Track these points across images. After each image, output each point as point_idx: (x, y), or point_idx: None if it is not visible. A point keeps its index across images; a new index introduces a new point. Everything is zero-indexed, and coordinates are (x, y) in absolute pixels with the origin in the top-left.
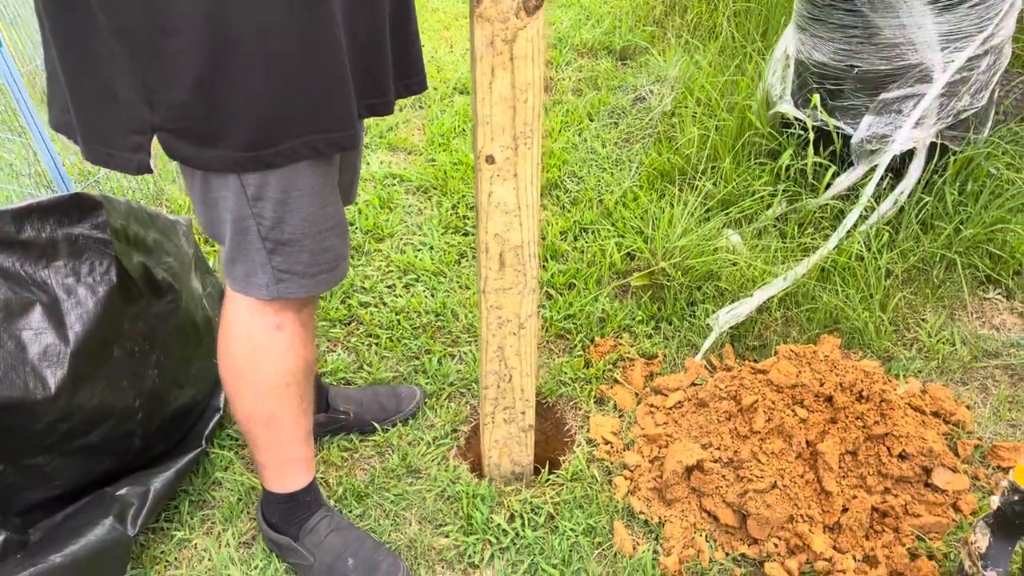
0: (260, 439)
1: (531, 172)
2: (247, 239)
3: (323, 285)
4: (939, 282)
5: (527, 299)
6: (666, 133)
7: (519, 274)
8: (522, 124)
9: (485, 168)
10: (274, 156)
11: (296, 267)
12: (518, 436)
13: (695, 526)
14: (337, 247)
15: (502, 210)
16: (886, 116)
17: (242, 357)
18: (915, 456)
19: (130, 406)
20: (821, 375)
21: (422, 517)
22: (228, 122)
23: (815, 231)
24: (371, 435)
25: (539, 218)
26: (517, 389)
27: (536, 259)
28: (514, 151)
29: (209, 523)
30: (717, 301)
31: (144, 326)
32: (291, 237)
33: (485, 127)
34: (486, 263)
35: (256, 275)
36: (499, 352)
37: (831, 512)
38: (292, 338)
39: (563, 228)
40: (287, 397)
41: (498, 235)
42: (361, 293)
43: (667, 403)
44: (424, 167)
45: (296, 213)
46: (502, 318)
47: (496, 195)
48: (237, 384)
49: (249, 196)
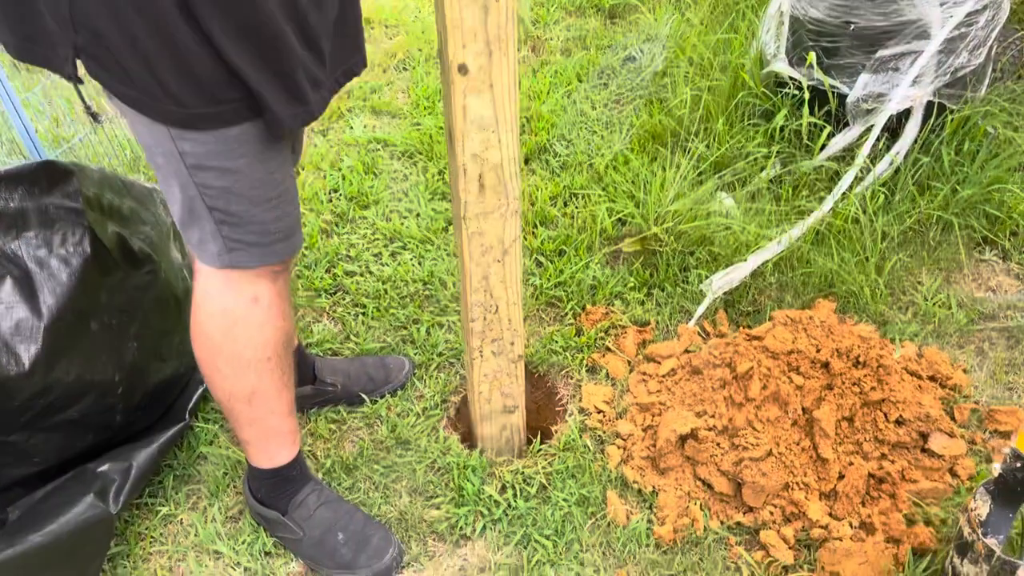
0: (242, 416)
1: (508, 81)
2: (194, 207)
3: (278, 255)
4: (935, 244)
5: (510, 222)
6: (657, 94)
7: (500, 196)
8: (495, 27)
9: (458, 80)
10: (200, 119)
11: (248, 237)
12: (508, 368)
13: (689, 495)
14: (289, 215)
15: (478, 126)
16: (883, 74)
17: (219, 333)
18: (912, 421)
19: (110, 380)
20: (817, 341)
21: (412, 489)
22: (154, 67)
23: (810, 193)
24: (359, 407)
25: (518, 130)
26: (504, 319)
27: (518, 178)
28: (488, 58)
29: (195, 498)
30: (710, 266)
31: (122, 298)
32: (240, 208)
33: (455, 32)
34: (464, 187)
35: (208, 243)
36: (484, 282)
37: (827, 479)
38: (270, 309)
39: (553, 193)
40: (268, 371)
41: (476, 155)
42: (346, 262)
43: (660, 371)
44: (409, 131)
45: (244, 182)
46: (484, 245)
47: (472, 109)
48: (215, 362)
49: (188, 166)
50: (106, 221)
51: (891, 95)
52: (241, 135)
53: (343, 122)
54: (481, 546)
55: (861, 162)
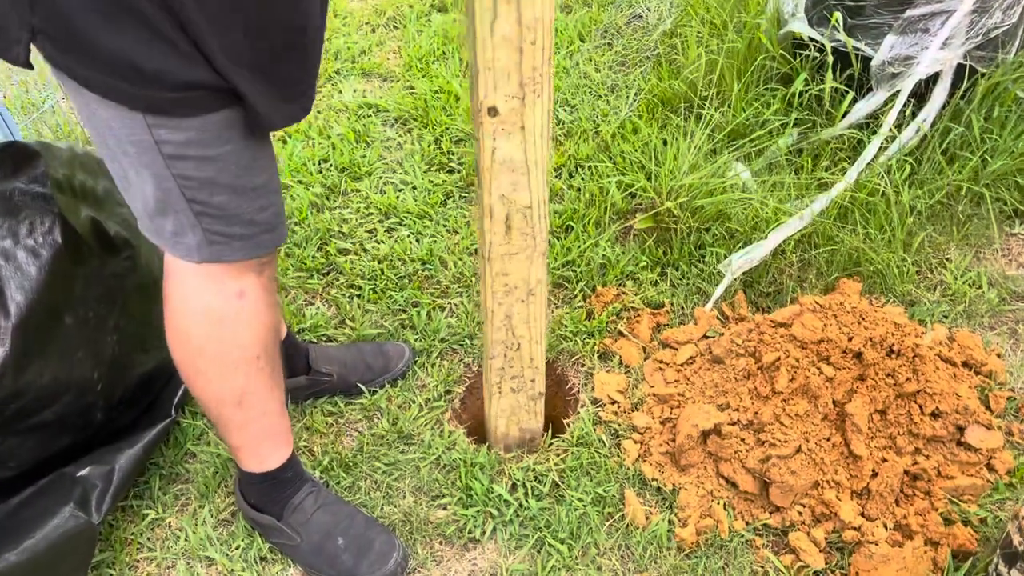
0: (232, 421)
1: (541, 123)
2: (170, 199)
3: (264, 246)
4: (964, 218)
5: (537, 263)
6: (667, 56)
7: (527, 237)
8: (530, 69)
9: (487, 121)
10: (180, 104)
11: (231, 229)
12: (527, 405)
13: (712, 494)
14: (274, 204)
15: (508, 168)
16: (911, 36)
17: (202, 335)
18: (949, 414)
19: (88, 378)
20: (849, 329)
21: (416, 488)
22: (127, 48)
23: (831, 164)
24: (357, 397)
25: (550, 173)
26: (526, 358)
27: (546, 220)
28: (521, 101)
29: (183, 499)
30: (727, 244)
31: (99, 289)
32: (223, 199)
33: (487, 74)
34: (491, 227)
35: (185, 235)
36: (506, 321)
37: (859, 477)
38: (256, 304)
39: (557, 164)
40: (257, 371)
41: (504, 196)
42: (339, 239)
43: (677, 359)
44: (402, 95)
45: (228, 171)
46: (509, 285)
47: (501, 151)
48: (198, 366)
49: (166, 156)
50: (78, 205)
51: (919, 58)
52: (225, 120)
53: (331, 86)
54: (492, 550)
55: (886, 130)
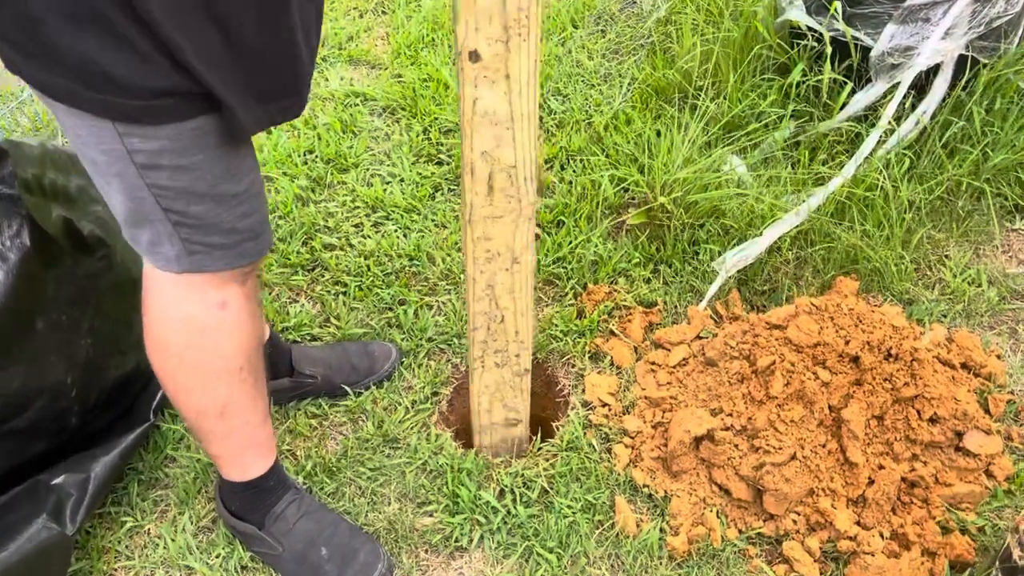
0: (213, 432)
1: (527, 71)
2: (145, 209)
3: (247, 256)
4: (965, 214)
5: (522, 228)
6: (661, 44)
7: (512, 200)
8: (515, 9)
9: (468, 67)
10: (152, 111)
11: (211, 238)
12: (512, 381)
13: (705, 501)
14: (259, 209)
15: (490, 121)
16: (911, 25)
17: (183, 345)
18: (947, 420)
19: (61, 382)
20: (846, 332)
21: (402, 494)
22: (95, 51)
23: (829, 158)
24: (342, 399)
25: (537, 130)
26: (511, 331)
27: (533, 182)
28: (505, 44)
29: (163, 506)
30: (722, 240)
31: (72, 290)
32: (201, 208)
33: (467, 13)
34: (472, 187)
35: (163, 245)
36: (489, 290)
37: (855, 484)
38: (239, 314)
39: (549, 156)
40: (240, 382)
41: (486, 153)
42: (325, 233)
43: (670, 360)
44: (390, 84)
45: (204, 179)
46: (491, 251)
47: (483, 102)
48: (178, 377)
49: (138, 165)
50: (49, 204)
51: (920, 49)
52: (200, 127)
53: (317, 73)
54: (479, 558)
55: (885, 123)
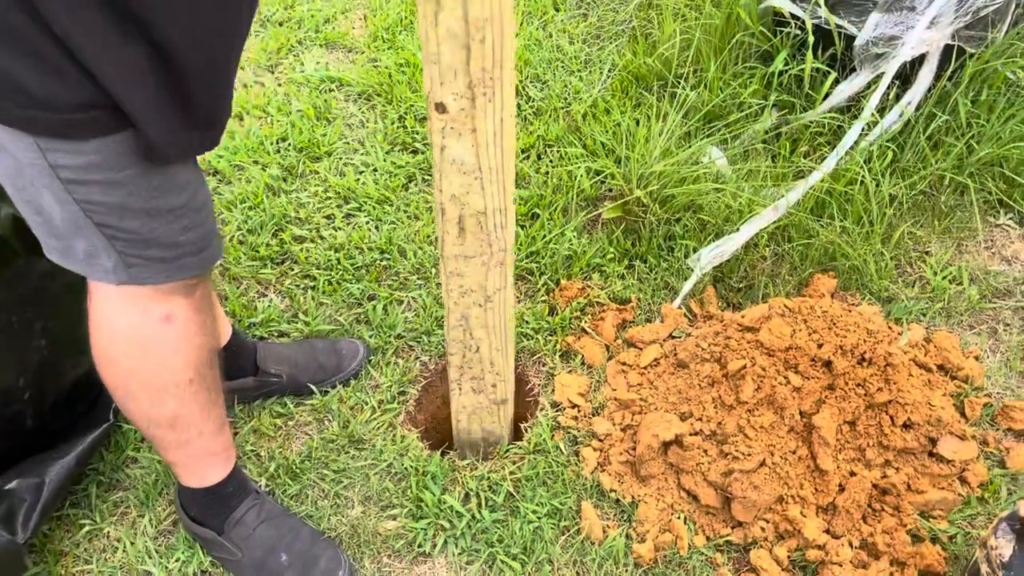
0: (166, 441)
1: (494, 129)
2: (77, 222)
3: (188, 269)
4: (947, 209)
5: (494, 271)
6: (642, 29)
7: (483, 243)
8: (479, 70)
9: (436, 117)
10: (73, 126)
11: (150, 252)
12: (489, 407)
13: (672, 507)
14: (204, 223)
15: (459, 169)
16: (896, 14)
17: (126, 359)
18: (921, 426)
19: (12, 386)
20: (819, 335)
21: (366, 497)
22: (8, 63)
23: (811, 150)
24: (308, 398)
25: (512, 182)
26: (486, 361)
27: (506, 228)
28: (471, 102)
29: (123, 508)
30: (698, 236)
31: (24, 290)
32: (136, 223)
33: (431, 67)
34: (443, 226)
35: (99, 256)
36: (463, 321)
37: (826, 492)
38: (186, 327)
39: (525, 145)
40: (191, 394)
41: (455, 196)
42: (295, 225)
43: (641, 360)
44: (366, 69)
45: (138, 194)
46: (464, 287)
47: (450, 151)
48: (127, 388)
49: (65, 181)
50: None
51: (905, 38)
52: (127, 141)
53: (293, 57)
54: (442, 565)
55: (868, 115)
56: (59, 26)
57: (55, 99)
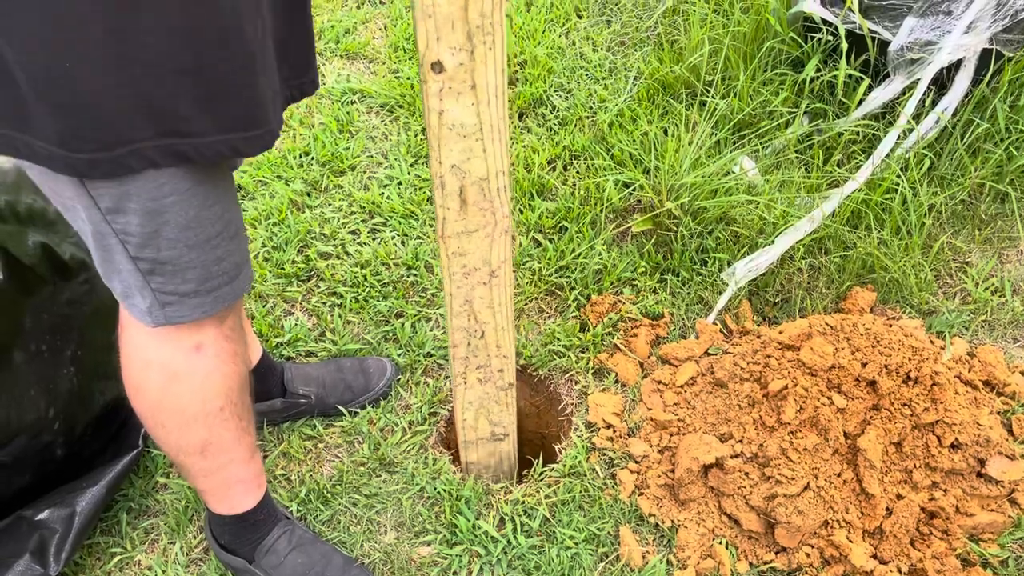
0: (195, 469)
1: (495, 81)
2: (112, 257)
3: (222, 301)
4: (988, 218)
5: (498, 242)
6: (668, 36)
7: (486, 213)
8: (478, 16)
9: (432, 79)
10: (87, 165)
11: (185, 286)
12: (496, 396)
13: (714, 532)
14: (234, 252)
15: (458, 134)
16: (932, 18)
17: (157, 389)
18: (969, 446)
19: (42, 417)
20: (862, 354)
21: (399, 523)
22: (48, 108)
23: (845, 159)
24: (337, 420)
25: (509, 138)
26: (491, 345)
27: (507, 192)
28: (470, 54)
29: (153, 535)
30: (731, 249)
31: (52, 319)
32: (172, 254)
33: (427, 21)
34: (443, 201)
35: (134, 297)
36: (467, 306)
37: (872, 516)
38: (217, 357)
39: (551, 156)
40: (221, 422)
41: (455, 166)
42: (320, 241)
43: (677, 379)
44: (388, 81)
45: (174, 224)
46: (468, 267)
47: (449, 115)
48: (158, 418)
49: (104, 209)
50: (24, 231)
51: (941, 43)
52: (168, 169)
53: None
54: None
55: (904, 122)
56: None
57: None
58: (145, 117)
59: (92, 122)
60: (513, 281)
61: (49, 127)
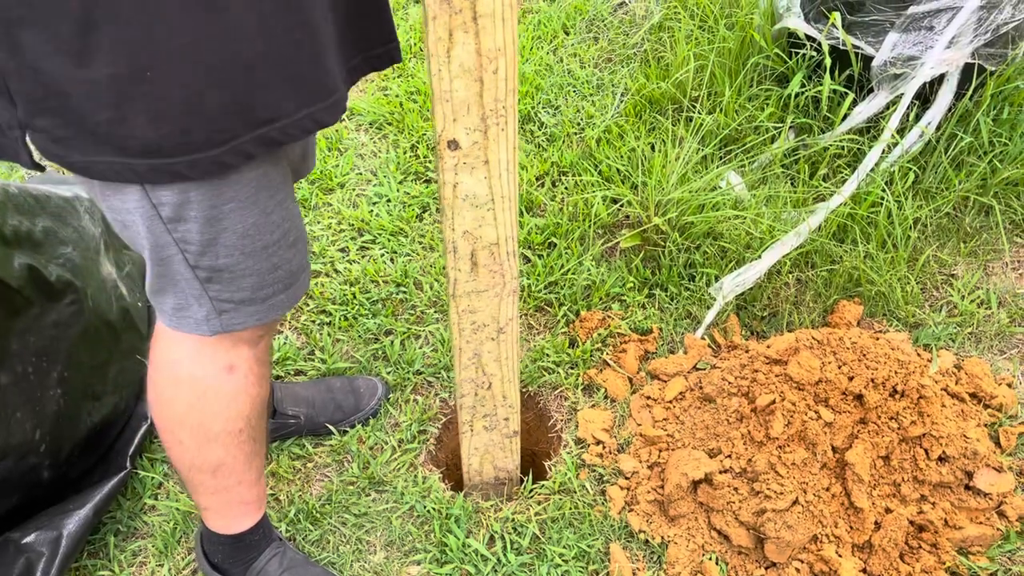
0: (204, 486)
1: (506, 157)
2: (172, 269)
3: (279, 309)
4: (972, 231)
5: (506, 301)
6: (655, 52)
7: (495, 275)
8: (492, 100)
9: (448, 155)
10: (188, 166)
11: (240, 294)
12: (501, 443)
13: (704, 548)
14: (292, 259)
15: (471, 204)
16: (914, 34)
17: (184, 404)
18: (956, 459)
19: (28, 440)
20: (849, 368)
21: (388, 542)
22: (113, 118)
23: (830, 172)
24: (326, 439)
25: (517, 207)
26: (498, 396)
27: (515, 256)
28: (483, 134)
29: (141, 557)
30: (719, 263)
31: (39, 340)
32: (229, 261)
33: (444, 105)
34: (455, 264)
35: (190, 308)
36: (475, 359)
37: (861, 530)
38: (246, 379)
39: (539, 172)
40: (238, 444)
41: (468, 232)
42: (310, 259)
43: (666, 394)
44: (377, 98)
45: (233, 230)
46: (477, 323)
47: (464, 187)
48: (177, 434)
49: (165, 218)
50: (11, 253)
51: (924, 58)
52: (229, 176)
53: None
54: None
55: (888, 136)
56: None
57: (172, 141)
58: (237, 112)
59: (193, 125)
60: (519, 337)
61: (138, 139)
